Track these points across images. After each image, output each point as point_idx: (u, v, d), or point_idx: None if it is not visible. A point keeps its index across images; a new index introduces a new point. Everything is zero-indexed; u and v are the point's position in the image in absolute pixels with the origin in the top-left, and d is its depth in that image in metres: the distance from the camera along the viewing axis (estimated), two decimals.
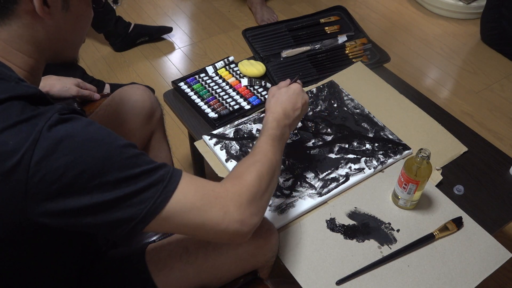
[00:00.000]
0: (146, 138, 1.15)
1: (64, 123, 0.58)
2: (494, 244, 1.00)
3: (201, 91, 1.34)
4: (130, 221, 0.62)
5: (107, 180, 0.59)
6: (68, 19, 0.67)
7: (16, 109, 0.57)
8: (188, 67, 2.20)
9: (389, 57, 1.50)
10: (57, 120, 0.58)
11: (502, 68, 2.27)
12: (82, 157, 0.57)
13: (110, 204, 0.60)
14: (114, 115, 1.06)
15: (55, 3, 0.64)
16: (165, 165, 0.66)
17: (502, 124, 1.96)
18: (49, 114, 0.58)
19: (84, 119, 0.61)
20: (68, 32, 0.69)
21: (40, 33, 0.65)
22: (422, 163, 0.96)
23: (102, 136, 0.61)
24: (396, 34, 2.47)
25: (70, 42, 0.72)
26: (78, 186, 0.58)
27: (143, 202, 0.62)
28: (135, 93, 1.09)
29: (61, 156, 0.56)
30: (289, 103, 0.94)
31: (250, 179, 0.73)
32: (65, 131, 0.58)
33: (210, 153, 1.16)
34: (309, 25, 1.56)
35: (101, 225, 0.61)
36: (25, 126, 0.56)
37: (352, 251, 0.97)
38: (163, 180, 0.64)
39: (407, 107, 1.32)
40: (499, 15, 2.24)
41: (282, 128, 0.90)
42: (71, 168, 0.57)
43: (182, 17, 2.53)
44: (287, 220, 1.01)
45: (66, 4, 0.66)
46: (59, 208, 0.58)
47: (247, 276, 0.92)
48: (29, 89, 0.60)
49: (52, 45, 0.69)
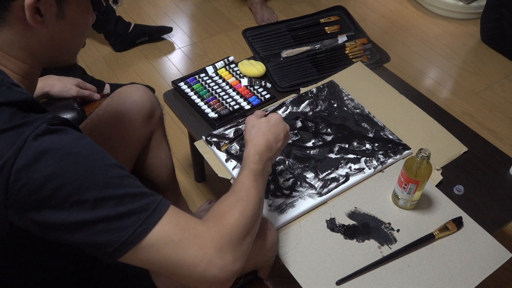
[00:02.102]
0: (146, 138, 1.15)
1: (51, 134, 0.57)
2: (494, 244, 1.00)
3: (201, 91, 1.34)
4: (106, 247, 0.59)
5: (86, 198, 0.56)
6: (64, 26, 0.65)
7: (5, 116, 0.56)
8: (188, 67, 2.20)
9: (389, 57, 1.50)
10: (44, 130, 0.56)
11: (502, 68, 2.27)
12: (64, 171, 0.55)
13: (86, 225, 0.57)
14: (114, 115, 1.06)
15: (49, 11, 0.62)
16: (153, 194, 0.63)
17: (502, 124, 1.96)
18: (37, 123, 0.56)
19: (74, 133, 0.59)
20: (64, 39, 0.67)
21: (33, 40, 0.64)
22: (422, 163, 0.96)
23: (89, 152, 0.59)
24: (396, 34, 2.47)
25: (67, 48, 0.70)
26: (56, 200, 0.56)
27: (121, 230, 0.58)
28: (135, 93, 1.09)
29: (43, 167, 0.54)
30: (272, 134, 0.88)
31: (233, 220, 0.68)
32: (50, 143, 0.56)
33: (210, 153, 1.16)
34: (309, 25, 1.56)
35: (79, 243, 0.59)
36: (11, 134, 0.55)
37: (352, 251, 0.97)
38: (147, 209, 0.60)
39: (407, 107, 1.32)
40: (499, 15, 2.24)
41: (264, 162, 0.85)
42: (51, 181, 0.55)
43: (182, 17, 2.53)
44: (287, 220, 1.01)
45: (61, 12, 0.64)
46: (38, 219, 0.56)
47: (247, 276, 0.92)
48: (20, 95, 0.59)
49: (47, 51, 0.67)
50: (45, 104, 1.15)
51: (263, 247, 0.88)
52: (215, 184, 1.67)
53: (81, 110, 1.17)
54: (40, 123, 0.56)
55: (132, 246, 0.59)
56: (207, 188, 1.67)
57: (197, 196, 1.64)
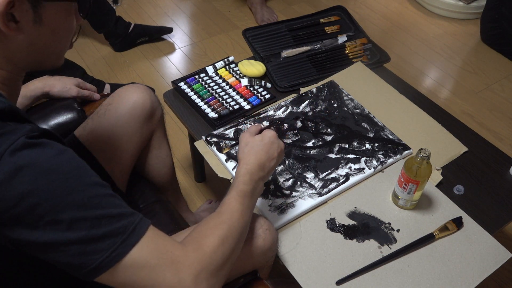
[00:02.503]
0: (147, 138, 1.15)
1: (30, 148, 0.54)
2: (494, 244, 1.00)
3: (201, 91, 1.34)
4: (80, 268, 0.58)
5: (61, 218, 0.55)
6: (43, 31, 0.62)
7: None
8: (188, 67, 2.20)
9: (389, 57, 1.50)
10: (22, 144, 0.54)
11: (502, 68, 2.27)
12: (40, 189, 0.54)
13: (61, 246, 0.56)
14: (115, 115, 1.06)
15: (25, 17, 0.58)
16: (132, 214, 0.62)
17: (502, 124, 1.96)
18: (15, 136, 0.54)
19: (54, 147, 0.57)
20: (44, 44, 0.63)
21: (11, 46, 0.60)
22: (422, 163, 0.96)
23: (68, 169, 0.57)
24: (396, 34, 2.47)
25: (49, 53, 0.66)
26: (30, 219, 0.54)
27: (96, 253, 0.57)
28: (136, 92, 1.09)
29: (18, 184, 0.53)
30: (265, 153, 0.85)
31: (212, 246, 0.67)
32: (28, 158, 0.54)
33: (210, 153, 1.16)
34: (309, 25, 1.56)
35: (53, 262, 0.58)
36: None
37: (352, 251, 0.97)
38: (124, 232, 0.59)
39: (407, 107, 1.32)
40: (499, 15, 2.24)
41: (255, 182, 0.82)
42: (26, 199, 0.53)
43: (182, 17, 2.53)
44: (287, 220, 1.01)
45: (38, 17, 0.60)
46: (12, 236, 0.55)
47: (247, 276, 0.92)
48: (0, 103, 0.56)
49: (28, 57, 0.64)
50: (45, 104, 1.15)
51: (263, 247, 0.88)
52: (215, 184, 1.67)
53: (81, 110, 1.17)
54: (18, 137, 0.54)
55: (107, 269, 0.58)
56: (207, 188, 1.67)
57: (197, 196, 1.64)
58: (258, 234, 0.87)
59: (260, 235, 0.87)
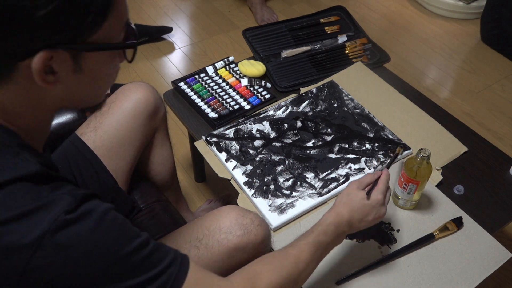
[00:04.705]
0: (150, 136, 1.15)
1: (70, 226, 0.53)
2: (494, 244, 1.00)
3: (201, 91, 1.34)
4: None
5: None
6: (83, 79, 0.57)
7: (16, 197, 0.51)
8: (188, 67, 2.20)
9: (389, 57, 1.50)
10: (62, 223, 0.52)
11: (502, 68, 2.27)
12: (83, 270, 0.53)
13: None
14: (118, 112, 1.06)
15: (64, 68, 0.54)
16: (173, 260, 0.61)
17: (502, 124, 1.96)
18: (53, 213, 0.52)
19: (93, 216, 0.55)
20: (82, 91, 0.60)
21: (45, 97, 0.57)
22: (422, 163, 0.96)
23: (109, 244, 0.55)
24: (396, 34, 2.47)
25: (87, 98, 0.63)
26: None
27: None
28: (139, 90, 1.09)
29: (60, 267, 0.52)
30: (360, 214, 0.82)
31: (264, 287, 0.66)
32: (68, 239, 0.52)
33: (210, 153, 1.16)
34: (309, 25, 1.56)
35: None
36: (27, 223, 0.51)
37: (352, 251, 0.97)
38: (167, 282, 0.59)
39: (407, 107, 1.31)
40: (499, 15, 2.24)
41: (337, 235, 0.81)
42: (68, 280, 0.53)
43: (182, 17, 2.53)
44: (287, 220, 1.01)
45: (78, 67, 0.55)
46: None
47: None
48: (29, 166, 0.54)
49: (63, 104, 0.60)
50: None
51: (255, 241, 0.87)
52: (215, 184, 1.67)
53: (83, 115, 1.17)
54: (58, 215, 0.52)
55: None
56: (207, 188, 1.67)
57: (197, 196, 1.64)
58: (250, 230, 0.87)
59: (251, 230, 0.87)
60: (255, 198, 1.05)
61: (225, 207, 0.90)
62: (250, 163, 1.12)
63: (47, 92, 0.56)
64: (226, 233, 0.85)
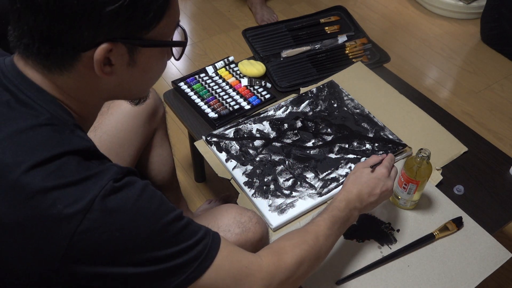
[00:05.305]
0: (149, 136, 1.15)
1: (117, 193, 0.57)
2: (494, 244, 1.00)
3: (201, 91, 1.34)
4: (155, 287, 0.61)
5: (145, 257, 0.59)
6: (135, 73, 0.63)
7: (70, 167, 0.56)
8: (188, 67, 2.20)
9: (389, 57, 1.50)
10: (111, 190, 0.56)
11: (502, 68, 2.27)
12: (128, 235, 0.57)
13: (140, 277, 0.59)
14: (118, 112, 1.06)
15: (120, 61, 0.59)
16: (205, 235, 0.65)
17: (502, 124, 1.96)
18: (103, 181, 0.56)
19: (136, 186, 0.59)
20: (133, 83, 0.65)
21: (99, 85, 0.62)
22: (422, 163, 0.96)
23: (152, 211, 0.59)
24: (396, 34, 2.47)
25: (136, 90, 0.69)
26: (115, 259, 0.57)
27: (174, 277, 0.61)
28: None
29: (107, 231, 0.56)
30: (367, 187, 0.87)
31: (289, 263, 0.71)
32: (116, 204, 0.56)
33: (210, 153, 1.16)
34: (309, 25, 1.56)
35: None
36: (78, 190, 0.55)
37: (352, 251, 0.97)
38: (199, 257, 0.63)
39: (407, 107, 1.31)
40: (499, 15, 2.24)
41: (350, 210, 0.85)
42: (114, 244, 0.56)
43: (182, 17, 2.52)
44: (287, 220, 1.01)
45: (133, 61, 0.61)
46: (91, 271, 0.57)
47: None
48: (83, 142, 0.59)
49: (114, 94, 0.66)
50: None
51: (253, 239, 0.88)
52: (215, 184, 1.67)
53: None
54: (107, 182, 0.56)
55: None
56: (207, 188, 1.67)
57: (197, 196, 1.64)
58: (248, 228, 0.88)
59: (250, 228, 0.88)
60: (255, 198, 1.05)
61: (223, 205, 0.91)
62: (250, 163, 1.13)
63: (101, 82, 0.61)
64: (225, 231, 0.85)
